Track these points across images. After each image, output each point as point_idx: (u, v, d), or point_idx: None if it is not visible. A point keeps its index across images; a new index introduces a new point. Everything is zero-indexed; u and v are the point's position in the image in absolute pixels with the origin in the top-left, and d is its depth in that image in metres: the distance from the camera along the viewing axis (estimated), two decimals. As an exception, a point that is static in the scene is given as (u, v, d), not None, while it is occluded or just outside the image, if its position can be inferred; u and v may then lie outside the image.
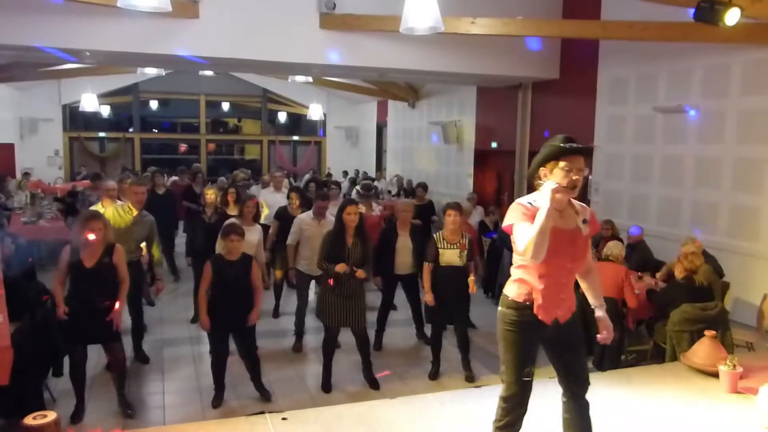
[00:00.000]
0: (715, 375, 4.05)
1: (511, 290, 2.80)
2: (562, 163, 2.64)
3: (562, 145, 2.66)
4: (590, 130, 8.86)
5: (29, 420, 2.61)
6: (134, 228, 5.26)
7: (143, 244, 5.42)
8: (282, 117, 18.73)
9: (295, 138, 18.92)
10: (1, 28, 6.87)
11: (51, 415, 2.67)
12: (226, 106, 18.59)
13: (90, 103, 14.14)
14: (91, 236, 4.13)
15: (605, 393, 3.97)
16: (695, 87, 7.24)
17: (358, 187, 11.40)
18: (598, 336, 2.97)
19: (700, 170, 7.23)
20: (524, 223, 2.60)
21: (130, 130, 17.42)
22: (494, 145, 11.53)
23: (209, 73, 14.37)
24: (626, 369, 4.69)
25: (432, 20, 5.45)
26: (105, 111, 16.21)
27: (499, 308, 2.84)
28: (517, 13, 7.72)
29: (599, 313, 2.95)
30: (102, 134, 17.11)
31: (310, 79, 12.88)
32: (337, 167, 17.43)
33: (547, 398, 3.18)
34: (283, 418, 3.53)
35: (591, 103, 8.90)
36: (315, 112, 16.38)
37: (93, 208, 5.74)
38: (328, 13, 7.93)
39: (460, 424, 3.57)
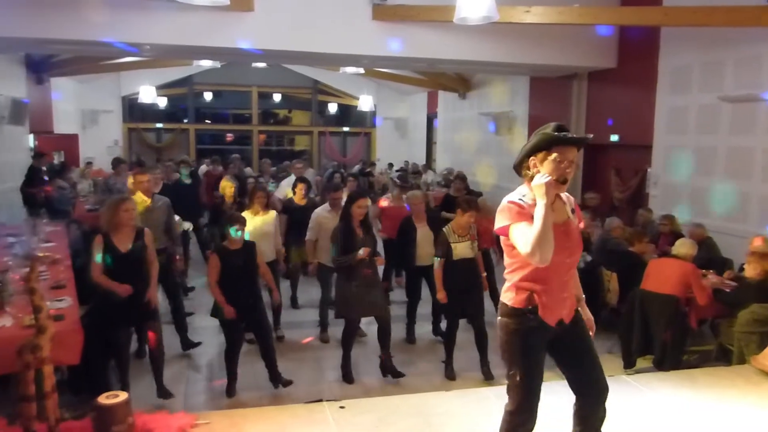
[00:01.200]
0: (788, 379, 3.87)
1: (509, 297, 2.57)
2: (553, 154, 2.39)
3: (555, 134, 2.40)
4: (649, 121, 8.54)
5: (102, 399, 2.73)
6: (151, 215, 5.30)
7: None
8: (332, 108, 18.86)
9: (345, 129, 19.04)
10: (70, 24, 7.15)
11: (122, 395, 2.78)
12: (277, 97, 18.86)
13: (148, 94, 14.63)
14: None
15: (669, 393, 3.85)
16: (767, 75, 6.86)
17: (394, 178, 11.32)
18: None
19: (770, 163, 6.86)
20: (521, 223, 2.39)
21: (185, 121, 17.92)
22: (547, 136, 11.27)
23: (261, 64, 14.58)
24: (690, 370, 4.51)
25: (486, 10, 5.36)
26: (162, 102, 16.72)
27: (499, 318, 2.61)
28: (574, 0, 7.50)
29: (580, 306, 2.74)
30: (159, 125, 17.69)
31: (361, 70, 12.89)
32: (386, 159, 17.45)
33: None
34: (341, 407, 3.58)
35: (650, 92, 8.55)
36: (365, 103, 16.43)
37: None
38: (381, 4, 7.91)
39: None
